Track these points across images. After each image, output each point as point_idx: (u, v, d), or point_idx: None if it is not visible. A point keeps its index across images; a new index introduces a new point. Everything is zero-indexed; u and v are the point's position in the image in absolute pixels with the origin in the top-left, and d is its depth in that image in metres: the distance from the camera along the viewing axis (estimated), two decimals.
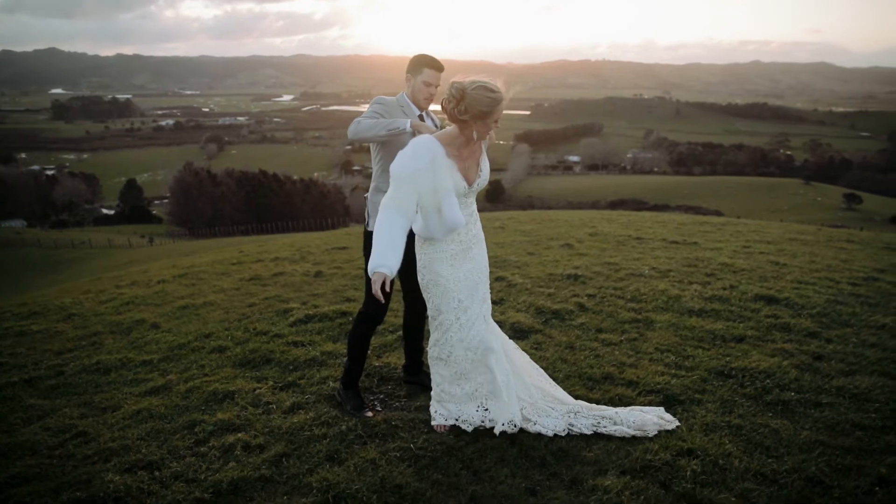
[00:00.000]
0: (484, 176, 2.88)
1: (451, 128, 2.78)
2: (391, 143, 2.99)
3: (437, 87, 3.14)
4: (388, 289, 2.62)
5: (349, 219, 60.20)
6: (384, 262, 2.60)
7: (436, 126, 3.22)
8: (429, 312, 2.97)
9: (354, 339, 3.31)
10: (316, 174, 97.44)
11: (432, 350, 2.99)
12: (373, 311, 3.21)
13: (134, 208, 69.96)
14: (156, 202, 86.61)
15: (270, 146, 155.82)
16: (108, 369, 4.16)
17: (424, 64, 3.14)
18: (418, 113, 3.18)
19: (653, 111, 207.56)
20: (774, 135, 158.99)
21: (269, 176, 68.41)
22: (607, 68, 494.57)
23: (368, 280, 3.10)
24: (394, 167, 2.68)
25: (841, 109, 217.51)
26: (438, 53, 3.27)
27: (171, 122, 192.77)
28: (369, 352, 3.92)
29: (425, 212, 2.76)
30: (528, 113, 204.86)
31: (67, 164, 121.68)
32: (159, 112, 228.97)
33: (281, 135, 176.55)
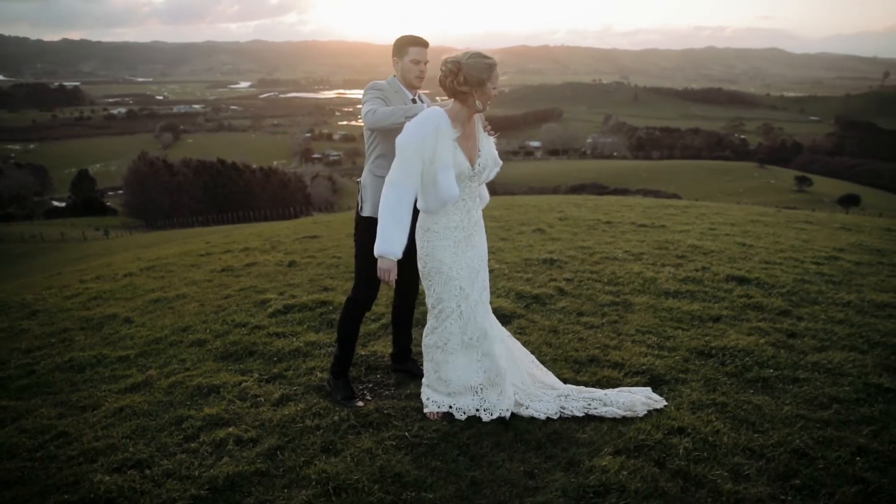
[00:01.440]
0: (484, 155, 2.85)
1: (451, 104, 2.77)
2: (389, 131, 2.95)
3: (425, 63, 3.13)
4: (395, 277, 2.60)
5: (311, 207, 59.35)
6: (390, 247, 2.58)
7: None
8: (428, 301, 2.95)
9: (343, 326, 3.28)
10: (275, 162, 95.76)
11: (429, 338, 2.98)
12: (363, 296, 3.18)
13: (87, 200, 67.42)
14: (109, 193, 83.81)
15: (228, 134, 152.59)
16: (82, 367, 4.03)
17: (409, 43, 3.11)
18: (411, 96, 3.15)
19: (611, 96, 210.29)
20: (729, 119, 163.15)
21: (227, 165, 66.80)
22: (566, 54, 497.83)
23: (364, 265, 3.06)
24: (399, 139, 2.67)
25: (792, 94, 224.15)
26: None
27: (122, 110, 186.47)
28: None
29: (423, 183, 2.75)
30: None
31: (13, 155, 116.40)
32: (110, 100, 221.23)
33: (238, 123, 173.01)
